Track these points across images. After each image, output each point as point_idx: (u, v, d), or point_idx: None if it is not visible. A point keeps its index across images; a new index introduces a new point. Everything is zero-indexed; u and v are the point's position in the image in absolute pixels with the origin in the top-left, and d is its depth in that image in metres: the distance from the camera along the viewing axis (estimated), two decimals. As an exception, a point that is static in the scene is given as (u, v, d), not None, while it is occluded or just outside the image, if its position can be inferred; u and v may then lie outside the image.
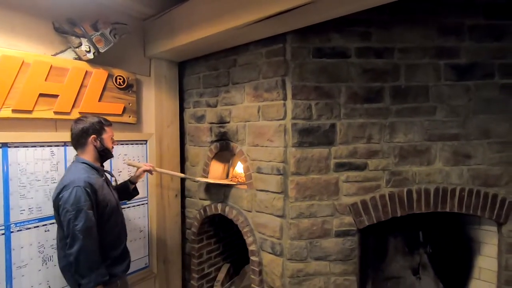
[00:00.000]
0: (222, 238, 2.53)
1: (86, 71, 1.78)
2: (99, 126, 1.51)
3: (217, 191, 2.21)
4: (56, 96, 1.66)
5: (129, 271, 1.99)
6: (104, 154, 1.55)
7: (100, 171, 1.54)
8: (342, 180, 1.82)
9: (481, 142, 1.84)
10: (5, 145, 1.53)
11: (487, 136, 1.84)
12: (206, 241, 2.40)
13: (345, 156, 1.81)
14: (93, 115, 1.79)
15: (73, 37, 1.68)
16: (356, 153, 1.82)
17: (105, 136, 1.53)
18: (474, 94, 1.83)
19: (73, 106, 1.73)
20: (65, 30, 1.67)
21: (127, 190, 1.83)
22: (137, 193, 1.92)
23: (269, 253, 1.89)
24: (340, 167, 1.81)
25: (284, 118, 1.82)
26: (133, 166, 1.92)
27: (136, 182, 1.87)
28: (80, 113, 1.77)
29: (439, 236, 2.25)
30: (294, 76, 1.79)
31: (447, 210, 1.84)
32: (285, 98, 1.82)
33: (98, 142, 1.50)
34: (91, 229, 1.34)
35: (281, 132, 1.82)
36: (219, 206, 2.15)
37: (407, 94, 1.83)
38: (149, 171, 1.89)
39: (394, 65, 1.82)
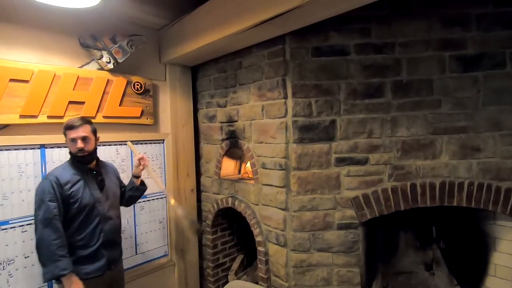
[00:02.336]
0: (236, 231, 2.68)
1: (108, 80, 2.01)
2: (63, 132, 1.56)
3: (229, 186, 2.36)
4: (83, 103, 1.90)
5: (149, 258, 2.23)
6: (72, 157, 1.58)
7: (84, 170, 1.60)
8: (343, 174, 1.87)
9: (492, 134, 1.78)
10: (42, 146, 1.80)
11: (499, 128, 1.77)
12: (220, 233, 2.57)
13: (345, 151, 1.86)
14: (114, 118, 2.03)
15: (96, 50, 1.92)
16: (357, 148, 1.85)
17: (67, 140, 1.56)
18: (483, 85, 1.78)
19: (97, 111, 1.97)
20: (88, 44, 1.90)
21: (134, 186, 1.88)
22: (145, 187, 1.95)
23: (274, 243, 2.00)
24: (341, 161, 1.86)
25: (285, 116, 1.91)
26: (131, 148, 1.97)
27: (139, 175, 1.90)
28: (104, 117, 2.00)
29: (453, 231, 2.20)
30: (294, 76, 1.87)
31: (455, 204, 1.81)
32: (285, 97, 1.91)
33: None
34: (50, 220, 1.41)
35: (283, 129, 1.92)
36: (230, 199, 2.30)
37: (409, 88, 1.82)
38: (142, 160, 1.86)
39: (395, 59, 1.83)
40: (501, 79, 1.76)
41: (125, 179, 2.12)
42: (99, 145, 1.99)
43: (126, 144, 2.17)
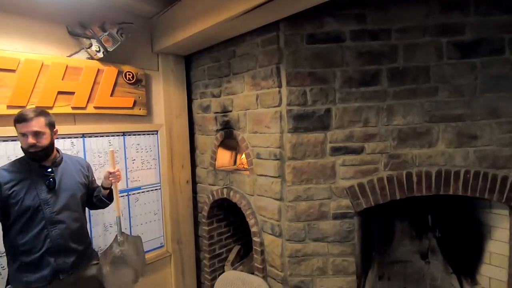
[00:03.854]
0: (232, 222, 2.67)
1: (98, 69, 1.96)
2: (14, 124, 1.38)
3: (224, 177, 2.34)
4: (72, 93, 1.86)
5: (146, 249, 2.22)
6: (24, 153, 1.42)
7: (33, 168, 1.44)
8: (338, 163, 1.84)
9: (489, 122, 1.76)
10: (32, 137, 1.76)
11: (496, 116, 1.75)
12: (216, 224, 2.56)
13: (341, 140, 1.83)
14: (105, 108, 1.98)
15: (84, 39, 1.87)
16: (352, 137, 1.83)
17: (17, 134, 1.39)
18: (481, 72, 1.74)
19: (88, 101, 1.93)
20: (77, 33, 1.85)
21: (99, 196, 1.67)
22: (110, 201, 1.71)
23: (270, 234, 1.99)
24: (336, 151, 1.84)
25: (279, 105, 1.88)
26: (109, 157, 1.69)
27: (108, 186, 1.66)
28: (95, 107, 1.96)
29: (449, 220, 2.20)
30: (288, 64, 1.83)
31: (451, 193, 1.80)
32: (280, 86, 1.87)
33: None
34: None
35: (277, 119, 1.88)
36: (225, 190, 2.28)
37: (405, 75, 1.79)
38: (112, 174, 1.64)
39: (391, 46, 1.79)
40: (499, 66, 1.73)
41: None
42: (90, 136, 1.97)
43: (119, 135, 2.14)
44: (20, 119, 1.36)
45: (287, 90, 1.84)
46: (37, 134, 1.39)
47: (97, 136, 2.02)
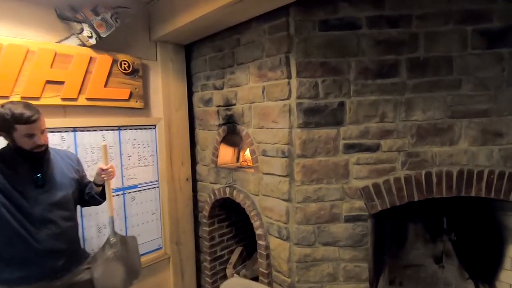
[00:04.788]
0: (235, 222, 2.53)
1: (91, 57, 1.80)
2: (7, 124, 1.23)
3: (226, 175, 2.19)
4: (62, 82, 1.70)
5: (142, 252, 2.08)
6: (21, 153, 1.29)
7: (20, 163, 1.31)
8: (352, 162, 1.70)
9: (516, 118, 1.62)
10: (18, 131, 1.61)
11: (524, 111, 1.61)
12: (217, 225, 2.42)
13: (355, 137, 1.69)
14: (98, 100, 1.82)
15: (75, 23, 1.70)
16: (367, 133, 1.68)
17: (16, 135, 1.25)
18: (509, 64, 1.60)
19: (79, 92, 1.77)
20: (67, 16, 1.68)
21: (91, 193, 1.55)
22: (103, 199, 1.57)
23: (276, 237, 1.85)
24: (350, 148, 1.70)
25: (288, 98, 1.73)
26: (103, 153, 1.55)
27: (100, 183, 1.54)
28: (87, 99, 1.81)
29: (466, 222, 2.07)
30: (299, 52, 1.68)
31: (473, 194, 1.67)
32: (289, 77, 1.72)
33: (10, 140, 1.28)
34: None
35: (286, 113, 1.74)
36: (227, 189, 2.13)
37: (426, 66, 1.64)
38: (104, 171, 1.50)
39: (411, 34, 1.64)
40: (529, 57, 1.58)
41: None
42: (82, 130, 1.82)
43: (113, 130, 1.98)
44: (23, 120, 1.23)
45: (297, 82, 1.69)
46: (42, 133, 1.31)
47: (89, 130, 1.87)
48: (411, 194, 1.70)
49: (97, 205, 1.64)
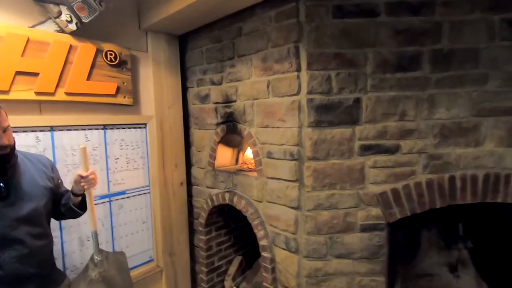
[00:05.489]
0: (233, 229, 2.33)
1: (71, 46, 1.57)
2: None
3: (225, 179, 1.99)
4: (36, 74, 1.46)
5: (131, 266, 1.86)
6: None
7: None
8: (368, 165, 1.53)
9: (547, 117, 1.47)
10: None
11: (556, 110, 1.47)
12: (215, 233, 2.21)
13: (372, 137, 1.52)
14: (80, 95, 1.60)
15: (52, 5, 1.46)
16: (385, 133, 1.51)
17: None
18: (540, 57, 1.46)
19: (57, 86, 1.53)
20: (42, -3, 1.45)
21: (68, 204, 1.31)
22: (82, 211, 1.34)
23: (283, 249, 1.66)
24: (366, 150, 1.52)
25: (298, 93, 1.54)
26: (81, 156, 1.30)
27: (80, 193, 1.29)
28: (66, 93, 1.57)
29: (484, 229, 1.93)
30: (310, 42, 1.49)
31: (499, 200, 1.52)
32: (299, 69, 1.53)
33: None
34: None
35: (295, 110, 1.55)
36: (227, 195, 1.93)
37: (450, 59, 1.48)
38: (84, 179, 1.26)
39: (435, 23, 1.47)
40: None
41: (98, 171, 1.72)
42: (61, 130, 1.59)
43: (98, 129, 1.75)
44: None
45: (308, 75, 1.50)
46: (5, 131, 1.06)
47: (70, 130, 1.63)
48: (433, 200, 1.54)
49: (75, 218, 1.40)
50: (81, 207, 1.32)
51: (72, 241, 1.65)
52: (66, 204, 1.30)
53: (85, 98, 1.65)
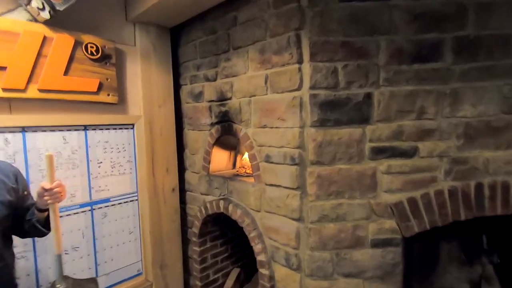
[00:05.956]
0: (231, 239, 2.14)
1: (45, 37, 1.40)
2: None
3: (220, 185, 1.80)
4: (3, 68, 1.30)
5: (116, 281, 1.69)
6: None
7: None
8: (381, 171, 1.33)
9: None
10: None
11: None
12: (210, 243, 2.03)
13: (385, 138, 1.32)
14: (56, 92, 1.43)
15: (21, -10, 1.30)
16: (401, 133, 1.31)
17: None
18: None
19: (29, 81, 1.37)
20: (9, -19, 1.28)
21: (32, 221, 1.12)
22: (46, 231, 1.14)
23: (283, 265, 1.47)
24: (379, 153, 1.32)
25: (299, 88, 1.35)
26: (46, 165, 1.08)
27: (44, 208, 1.10)
28: (40, 90, 1.41)
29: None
30: (313, 29, 1.30)
31: (535, 211, 1.30)
32: (300, 61, 1.34)
33: None
34: None
35: (296, 108, 1.35)
36: (221, 203, 1.74)
37: (477, 47, 1.28)
38: (48, 191, 1.06)
39: (458, 6, 1.27)
40: None
41: (78, 177, 1.55)
42: (35, 131, 1.42)
43: (78, 130, 1.58)
44: None
45: (311, 67, 1.31)
46: None
47: (45, 131, 1.47)
48: (457, 211, 1.33)
49: (40, 237, 1.21)
50: (46, 225, 1.13)
51: (45, 255, 1.47)
52: (30, 220, 1.12)
53: (62, 95, 1.48)
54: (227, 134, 1.76)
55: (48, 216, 1.10)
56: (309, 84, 1.31)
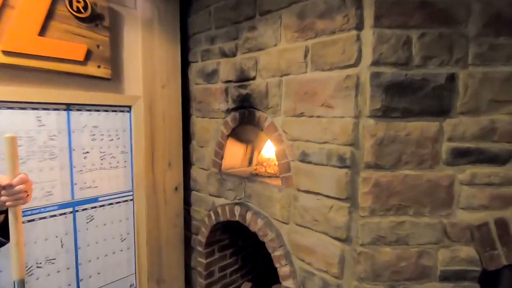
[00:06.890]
0: (242, 248, 1.82)
1: (13, -19, 1.04)
2: None
3: (235, 186, 1.46)
4: (-50, 18, 0.94)
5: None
6: None
7: None
8: (461, 181, 0.99)
9: None
10: None
11: None
12: (218, 254, 1.70)
13: (471, 137, 0.97)
14: (28, 57, 1.08)
15: None
16: (493, 131, 0.97)
17: None
18: None
19: (-12, 40, 1.01)
20: None
21: None
22: (5, 241, 0.83)
23: (318, 297, 1.13)
24: (460, 157, 0.98)
25: (356, 64, 0.99)
26: (7, 155, 0.76)
27: (2, 209, 0.80)
28: (4, 52, 1.05)
29: None
30: (380, -18, 0.94)
31: None
32: (360, 26, 0.98)
33: None
34: None
35: (350, 90, 1.00)
36: (237, 209, 1.40)
37: None
38: (10, 191, 0.75)
39: None
40: None
41: (56, 170, 1.21)
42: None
43: (58, 109, 1.23)
44: None
45: (375, 35, 0.95)
46: None
47: (12, 108, 1.11)
48: (559, 238, 0.99)
49: None
50: (4, 233, 0.80)
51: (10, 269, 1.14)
52: None
53: (36, 62, 1.12)
54: (246, 123, 1.41)
55: (5, 220, 0.76)
56: (371, 58, 0.96)
